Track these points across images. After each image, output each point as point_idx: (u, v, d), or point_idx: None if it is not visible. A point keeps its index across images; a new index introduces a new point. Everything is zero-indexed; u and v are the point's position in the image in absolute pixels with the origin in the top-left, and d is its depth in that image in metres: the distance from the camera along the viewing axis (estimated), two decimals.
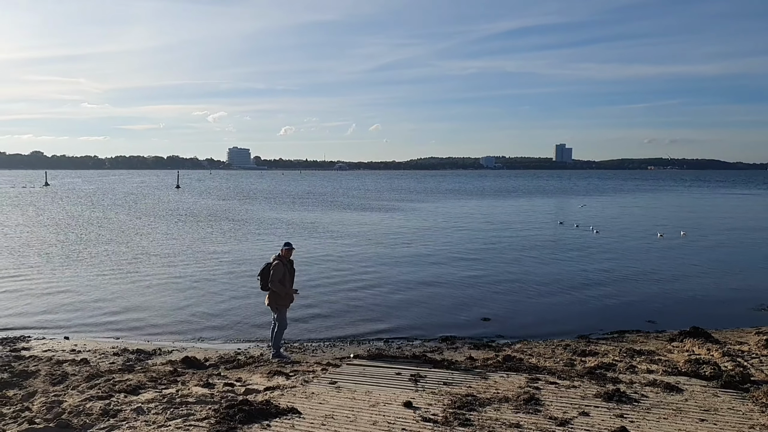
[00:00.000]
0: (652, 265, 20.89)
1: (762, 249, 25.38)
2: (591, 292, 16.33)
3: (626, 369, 9.19)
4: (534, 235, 29.98)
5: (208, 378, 8.57)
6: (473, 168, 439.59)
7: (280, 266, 10.16)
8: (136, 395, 7.68)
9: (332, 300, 15.03)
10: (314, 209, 48.77)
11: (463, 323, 13.01)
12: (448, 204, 57.09)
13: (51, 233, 29.59)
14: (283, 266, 10.19)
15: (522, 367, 9.19)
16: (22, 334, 11.83)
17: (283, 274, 10.14)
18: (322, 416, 6.73)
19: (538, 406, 7.16)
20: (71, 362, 9.72)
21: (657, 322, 13.17)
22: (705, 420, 6.77)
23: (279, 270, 10.11)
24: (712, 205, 57.02)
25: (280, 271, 10.11)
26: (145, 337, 11.93)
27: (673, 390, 7.88)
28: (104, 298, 15.21)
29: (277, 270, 10.10)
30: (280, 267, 10.15)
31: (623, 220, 39.54)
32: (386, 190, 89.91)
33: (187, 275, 18.33)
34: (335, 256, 22.46)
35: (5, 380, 8.54)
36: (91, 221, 36.54)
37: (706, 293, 16.34)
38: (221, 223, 35.58)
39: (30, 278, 17.68)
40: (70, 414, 6.84)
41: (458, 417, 6.69)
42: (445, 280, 17.87)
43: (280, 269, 10.14)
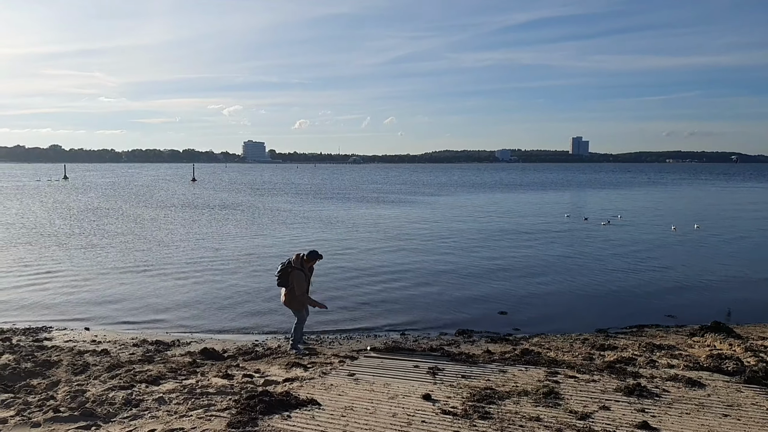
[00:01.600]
0: (669, 258, 20.65)
1: None
2: (608, 285, 16.17)
3: (646, 363, 9.09)
4: (550, 228, 29.76)
5: (227, 369, 8.64)
6: (488, 161, 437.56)
7: (301, 276, 10.11)
8: (157, 385, 7.77)
9: (348, 292, 15.05)
10: (329, 202, 48.88)
11: (480, 316, 12.95)
12: (463, 197, 56.91)
13: (70, 225, 29.97)
14: (304, 275, 10.18)
15: (540, 360, 9.14)
16: (44, 325, 12.00)
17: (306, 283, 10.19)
18: (342, 408, 6.75)
19: (557, 399, 7.12)
20: (92, 353, 9.85)
21: (677, 316, 13.00)
22: (728, 415, 6.69)
23: (301, 279, 10.09)
24: (728, 199, 56.18)
25: (302, 279, 10.10)
26: (163, 328, 12.04)
27: (695, 385, 7.79)
28: (123, 289, 15.38)
29: (299, 280, 10.06)
30: (301, 276, 10.11)
31: (638, 212, 39.11)
32: (400, 184, 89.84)
33: (204, 267, 18.48)
34: (350, 248, 22.49)
35: (29, 369, 8.68)
36: (110, 213, 36.96)
37: (726, 287, 16.09)
38: (238, 216, 35.80)
39: (51, 270, 17.93)
40: (94, 403, 6.94)
41: (478, 410, 6.68)
42: (461, 273, 17.81)
43: (302, 278, 10.11)
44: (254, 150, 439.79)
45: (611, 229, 29.54)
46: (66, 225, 30.27)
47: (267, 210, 40.86)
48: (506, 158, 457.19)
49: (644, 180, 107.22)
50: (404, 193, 64.36)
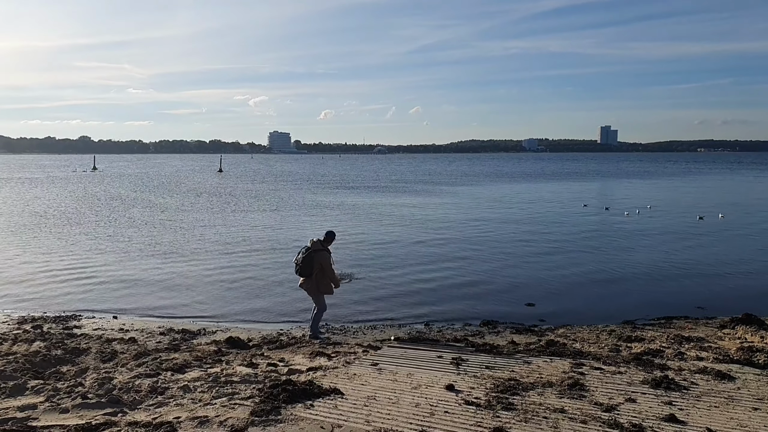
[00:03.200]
0: (697, 249, 20.24)
1: None
2: (635, 276, 15.89)
3: (674, 356, 8.91)
4: (576, 219, 29.36)
5: (252, 358, 8.72)
6: (515, 151, 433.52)
7: (327, 256, 10.23)
8: (183, 374, 7.88)
9: (372, 282, 15.06)
10: (353, 193, 48.96)
11: (505, 307, 12.84)
12: (488, 188, 56.50)
13: (99, 215, 30.57)
14: (330, 256, 10.28)
15: (565, 352, 9.02)
16: (74, 313, 12.28)
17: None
18: (365, 397, 6.76)
19: (582, 391, 7.01)
20: (120, 341, 10.04)
21: (706, 308, 12.70)
22: (759, 409, 6.52)
23: (328, 259, 10.19)
24: (758, 189, 54.65)
25: (329, 259, 10.21)
26: (190, 317, 12.22)
27: (725, 378, 7.60)
28: (151, 278, 15.65)
29: (327, 260, 10.17)
30: (327, 256, 10.22)
31: (665, 203, 38.32)
32: (425, 174, 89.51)
33: (231, 257, 18.68)
34: (375, 238, 22.51)
35: (59, 356, 8.88)
36: (138, 203, 37.60)
37: (757, 279, 15.68)
38: (263, 206, 36.10)
39: (81, 259, 18.32)
40: (121, 390, 7.07)
41: (501, 401, 6.62)
42: (487, 263, 17.67)
43: (329, 258, 10.23)
44: (280, 140, 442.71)
45: (637, 219, 29.05)
46: (95, 215, 30.89)
47: (292, 200, 41.12)
48: (533, 148, 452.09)
49: (673, 170, 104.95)
50: (429, 183, 64.14)
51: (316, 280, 10.25)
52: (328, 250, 10.40)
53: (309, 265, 10.10)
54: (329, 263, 10.21)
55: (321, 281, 10.27)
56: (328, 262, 10.20)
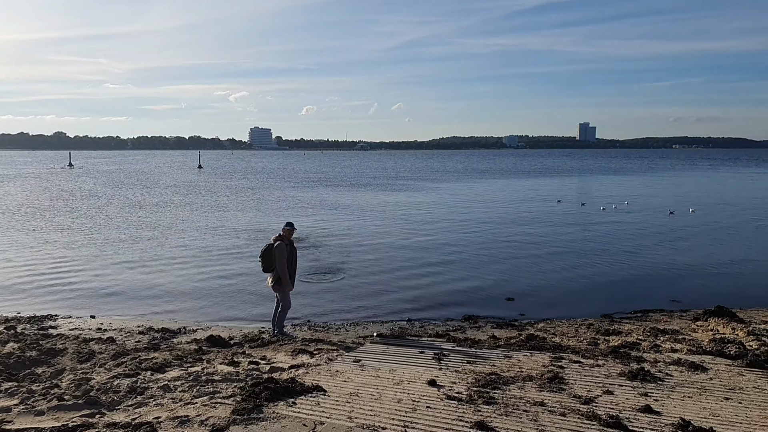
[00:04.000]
0: (671, 243, 20.63)
1: None
2: (613, 271, 16.14)
3: (650, 348, 9.08)
4: (553, 215, 29.69)
5: (233, 356, 8.67)
6: (496, 147, 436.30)
7: (282, 247, 10.04)
8: (163, 373, 7.81)
9: (354, 279, 15.07)
10: (335, 189, 48.85)
11: (485, 302, 12.95)
12: (469, 184, 56.80)
13: (75, 213, 30.08)
14: (285, 247, 10.09)
15: (545, 346, 9.15)
16: (49, 313, 12.05)
17: (287, 256, 10.07)
18: (347, 394, 6.78)
19: (562, 384, 7.12)
20: (97, 340, 9.89)
21: (680, 301, 12.97)
22: (730, 399, 6.69)
23: (282, 251, 10.00)
24: (729, 184, 55.80)
25: (284, 252, 10.02)
26: (169, 316, 12.10)
27: (698, 369, 7.79)
28: (130, 277, 15.45)
29: (281, 251, 9.98)
30: (282, 248, 10.03)
31: (641, 198, 38.94)
32: (407, 170, 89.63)
33: (210, 255, 18.53)
34: (355, 235, 22.50)
35: (34, 358, 8.71)
36: (115, 201, 37.04)
37: (730, 272, 16.05)
38: (244, 203, 35.83)
39: (56, 257, 18.02)
40: (99, 391, 6.98)
41: (482, 395, 6.69)
42: (468, 259, 17.80)
43: (284, 250, 10.03)
44: (261, 137, 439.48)
45: (613, 214, 29.49)
46: (70, 212, 30.37)
47: (273, 197, 40.88)
48: (513, 144, 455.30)
49: (649, 166, 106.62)
50: (411, 179, 64.24)
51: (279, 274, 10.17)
52: (290, 242, 10.23)
53: (268, 259, 10.07)
54: (281, 255, 9.97)
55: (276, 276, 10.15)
56: (281, 252, 9.97)
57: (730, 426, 5.94)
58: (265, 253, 10.12)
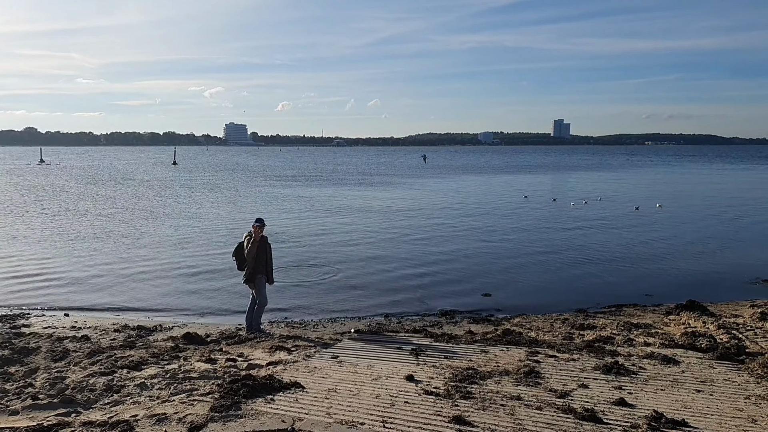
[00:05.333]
0: (642, 238, 21.02)
1: (749, 222, 25.57)
2: (586, 266, 16.40)
3: (624, 342, 9.27)
4: (526, 210, 30.04)
5: (210, 354, 8.62)
6: (471, 144, 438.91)
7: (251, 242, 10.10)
8: (139, 371, 7.74)
9: (330, 276, 15.07)
10: (311, 185, 48.67)
11: (462, 298, 13.06)
12: (444, 180, 57.07)
13: (47, 211, 29.47)
14: (255, 243, 10.09)
15: (521, 340, 9.27)
16: (22, 311, 11.84)
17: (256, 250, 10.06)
18: (325, 390, 6.79)
19: (538, 378, 7.24)
20: (72, 339, 9.75)
21: (653, 295, 13.25)
22: (701, 391, 6.87)
23: (252, 245, 10.04)
24: (698, 179, 57.12)
25: (253, 247, 10.03)
26: (145, 313, 11.96)
27: (670, 362, 7.98)
28: (103, 274, 15.20)
29: (251, 247, 10.02)
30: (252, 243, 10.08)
31: (614, 194, 39.61)
32: (384, 166, 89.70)
33: (185, 251, 18.33)
34: (332, 231, 22.47)
35: (6, 357, 8.56)
36: (87, 197, 36.37)
37: (701, 267, 16.41)
38: (219, 198, 35.48)
39: (27, 256, 17.66)
40: (74, 390, 6.89)
41: (459, 390, 6.76)
42: (443, 255, 17.90)
43: (253, 244, 10.06)
44: (236, 132, 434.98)
45: (584, 209, 29.97)
46: (41, 208, 29.75)
47: (248, 192, 40.56)
48: (488, 141, 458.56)
49: (621, 163, 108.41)
50: (386, 175, 64.29)
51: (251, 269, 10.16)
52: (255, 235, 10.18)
53: (241, 256, 10.16)
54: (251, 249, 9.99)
55: (255, 269, 10.14)
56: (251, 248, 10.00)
57: (701, 417, 6.11)
58: (237, 251, 10.23)
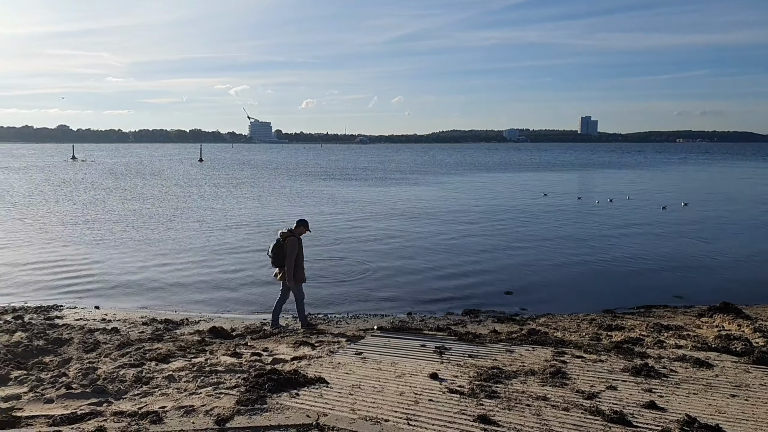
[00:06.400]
0: (671, 237, 20.61)
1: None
2: (614, 265, 16.13)
3: (654, 344, 9.08)
4: (552, 209, 29.67)
5: (236, 348, 8.71)
6: (496, 141, 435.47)
7: (294, 241, 10.07)
8: (167, 363, 7.86)
9: (354, 272, 15.09)
10: (334, 182, 48.83)
11: (486, 296, 12.95)
12: (469, 178, 56.72)
13: (78, 205, 30.12)
14: (297, 241, 10.13)
15: (547, 340, 9.15)
16: (55, 303, 12.12)
17: (298, 251, 10.09)
18: (349, 386, 6.80)
19: (564, 379, 7.13)
20: (102, 331, 9.95)
21: (684, 297, 12.95)
22: (736, 396, 6.69)
23: (294, 246, 10.03)
24: (735, 178, 55.72)
25: (295, 247, 10.04)
26: (172, 307, 12.14)
27: (703, 365, 7.77)
28: (132, 268, 15.48)
29: (292, 246, 10.00)
30: (294, 242, 10.06)
31: (642, 193, 38.89)
32: (406, 164, 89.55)
33: (211, 246, 18.56)
34: (355, 228, 22.50)
35: (41, 347, 8.78)
36: (118, 193, 37.08)
37: (734, 268, 15.99)
38: (245, 195, 35.84)
39: (59, 249, 18.07)
40: (105, 380, 7.03)
41: (484, 389, 6.70)
42: (467, 253, 17.79)
43: (295, 245, 10.06)
44: (261, 130, 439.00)
45: (611, 208, 29.50)
46: (74, 204, 30.42)
47: (273, 189, 40.89)
48: (514, 138, 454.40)
49: (649, 160, 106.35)
50: (410, 173, 64.18)
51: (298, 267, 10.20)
52: (299, 239, 10.26)
53: (280, 254, 10.05)
54: (292, 250, 9.98)
55: (296, 270, 10.19)
56: (292, 248, 9.99)
57: (736, 423, 5.94)
58: (276, 248, 10.07)
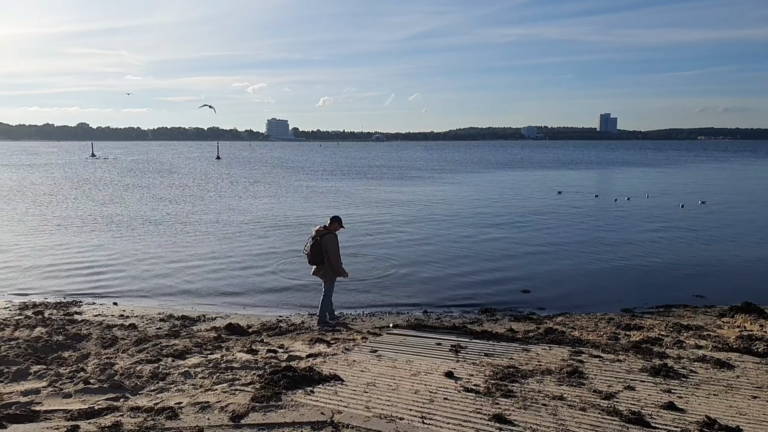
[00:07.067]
0: (690, 236, 20.28)
1: None
2: (632, 264, 15.91)
3: (673, 344, 8.95)
4: (569, 207, 29.37)
5: (252, 344, 8.75)
6: (514, 138, 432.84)
7: (333, 238, 10.28)
8: (183, 360, 7.92)
9: (370, 270, 15.07)
10: (351, 180, 48.88)
11: (502, 295, 12.86)
12: (486, 176, 56.46)
13: (98, 203, 30.52)
14: (335, 238, 10.33)
15: (564, 339, 9.06)
16: (74, 299, 12.29)
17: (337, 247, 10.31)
18: (364, 384, 6.79)
19: (581, 379, 7.05)
20: (120, 327, 10.07)
21: (705, 296, 12.73)
22: (758, 397, 6.55)
23: (334, 242, 10.25)
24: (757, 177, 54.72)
25: (335, 243, 10.27)
26: (189, 304, 12.24)
27: (724, 366, 7.63)
28: (149, 265, 15.63)
29: (332, 243, 10.21)
30: (333, 239, 10.28)
31: (662, 191, 38.36)
32: (423, 161, 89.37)
33: (229, 243, 18.68)
34: (370, 226, 22.50)
35: (61, 342, 8.92)
36: (137, 190, 37.52)
37: (755, 267, 15.68)
38: (262, 192, 36.04)
39: (79, 245, 18.32)
40: (122, 376, 7.10)
41: (500, 388, 6.65)
42: (483, 251, 17.69)
43: (335, 241, 10.29)
44: (278, 128, 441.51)
45: (628, 206, 29.12)
46: (92, 201, 30.83)
47: (290, 186, 41.06)
48: (532, 135, 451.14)
49: (670, 158, 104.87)
50: (427, 170, 64.04)
51: (329, 264, 10.30)
52: (335, 234, 10.44)
53: (318, 251, 10.16)
54: (334, 246, 10.25)
55: (329, 267, 10.33)
56: (333, 245, 10.24)
57: (757, 425, 5.82)
58: (314, 246, 10.18)
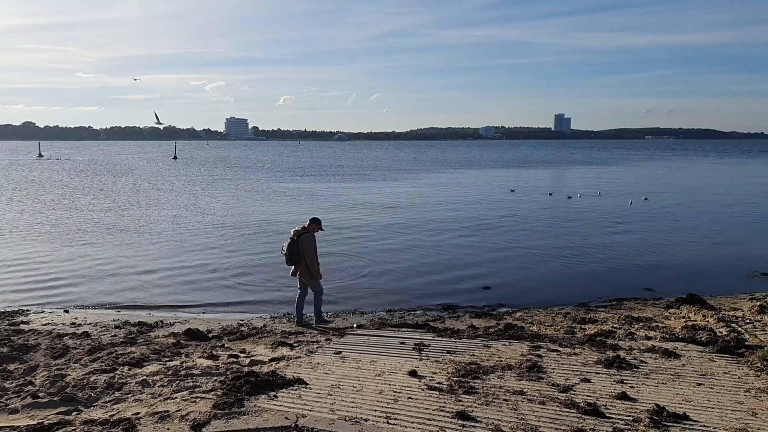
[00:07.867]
0: (640, 232, 21.02)
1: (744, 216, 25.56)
2: (585, 260, 16.39)
3: (625, 336, 9.26)
4: (524, 205, 30.03)
5: (212, 350, 8.61)
6: (473, 138, 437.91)
7: (310, 238, 10.30)
8: (140, 368, 7.72)
9: (333, 272, 15.01)
10: (313, 179, 48.60)
11: (464, 292, 13.05)
12: (443, 175, 57.05)
13: (43, 203, 29.41)
14: (313, 238, 10.35)
15: (523, 335, 9.26)
16: (20, 308, 11.79)
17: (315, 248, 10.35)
18: (329, 386, 6.78)
19: (540, 373, 7.23)
20: (72, 335, 9.72)
21: (654, 289, 13.23)
22: (702, 384, 6.87)
23: (311, 242, 10.26)
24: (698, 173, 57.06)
25: (311, 243, 10.28)
26: (146, 309, 11.94)
27: (671, 356, 7.98)
28: (103, 269, 15.17)
29: (309, 243, 10.22)
30: (310, 239, 10.30)
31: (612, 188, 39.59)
32: (385, 161, 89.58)
33: (186, 245, 18.30)
34: (333, 226, 22.42)
35: (5, 354, 8.51)
36: (86, 191, 36.30)
37: (699, 260, 16.41)
38: (220, 192, 35.42)
39: (25, 252, 17.62)
40: (75, 387, 6.87)
41: (463, 385, 6.75)
42: (444, 249, 17.89)
43: (311, 241, 10.30)
44: (237, 127, 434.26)
45: (581, 204, 29.96)
46: (38, 203, 29.69)
47: (249, 186, 40.50)
48: (490, 135, 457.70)
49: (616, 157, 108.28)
50: (388, 169, 64.24)
51: (305, 264, 10.27)
52: (313, 235, 10.46)
53: (296, 251, 10.21)
54: (310, 247, 10.25)
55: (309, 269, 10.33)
56: (310, 245, 10.24)
57: (702, 411, 6.10)
58: (290, 245, 10.22)
